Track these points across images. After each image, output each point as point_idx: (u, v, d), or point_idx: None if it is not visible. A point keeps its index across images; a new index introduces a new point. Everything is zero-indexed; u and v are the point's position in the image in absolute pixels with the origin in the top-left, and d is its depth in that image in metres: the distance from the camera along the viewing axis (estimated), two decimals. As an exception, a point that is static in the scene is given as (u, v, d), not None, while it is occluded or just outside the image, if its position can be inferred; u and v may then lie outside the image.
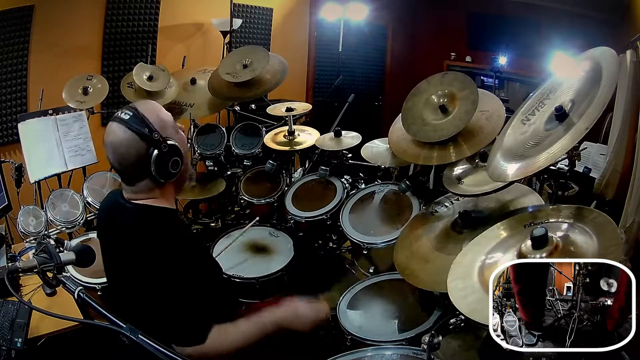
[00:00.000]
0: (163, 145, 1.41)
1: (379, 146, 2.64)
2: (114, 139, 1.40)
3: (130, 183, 1.46)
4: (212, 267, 1.64)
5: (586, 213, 1.33)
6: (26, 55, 3.59)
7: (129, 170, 1.43)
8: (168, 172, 1.44)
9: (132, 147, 1.38)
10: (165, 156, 1.42)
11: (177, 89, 3.28)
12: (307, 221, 2.54)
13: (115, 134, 1.40)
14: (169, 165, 1.43)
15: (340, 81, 4.39)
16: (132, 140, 1.38)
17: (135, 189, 1.46)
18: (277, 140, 2.96)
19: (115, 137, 1.40)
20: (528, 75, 4.96)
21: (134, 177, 1.44)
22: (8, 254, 2.33)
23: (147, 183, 1.44)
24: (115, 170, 1.48)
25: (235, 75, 3.07)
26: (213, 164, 3.14)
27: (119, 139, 1.39)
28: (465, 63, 5.74)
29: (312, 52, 5.76)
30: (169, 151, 1.42)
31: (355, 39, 5.63)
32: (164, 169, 1.43)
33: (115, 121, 1.42)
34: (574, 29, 4.21)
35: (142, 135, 1.39)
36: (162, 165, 1.42)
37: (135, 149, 1.38)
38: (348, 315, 1.91)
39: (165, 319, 1.35)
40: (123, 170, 1.44)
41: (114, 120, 1.43)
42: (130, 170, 1.42)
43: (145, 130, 1.39)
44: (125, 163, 1.40)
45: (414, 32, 6.38)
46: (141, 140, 1.39)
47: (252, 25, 4.99)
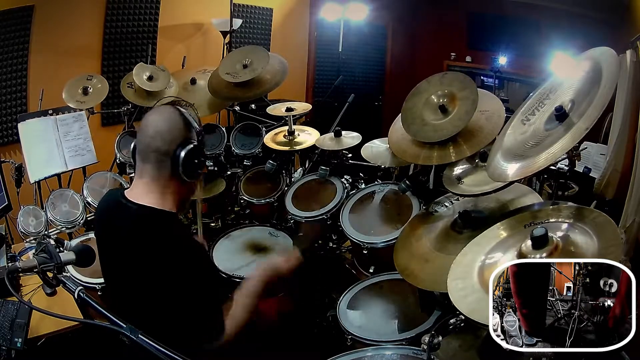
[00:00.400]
0: (202, 143, 1.49)
1: (379, 146, 2.64)
2: (161, 116, 1.46)
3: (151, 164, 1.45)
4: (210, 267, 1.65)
5: (586, 213, 1.33)
6: (26, 55, 3.59)
7: (158, 147, 1.43)
8: (193, 170, 1.47)
9: (178, 128, 1.44)
10: (198, 153, 1.47)
11: (177, 89, 3.28)
12: (307, 221, 2.54)
13: (168, 112, 1.47)
14: (196, 164, 1.47)
15: (340, 81, 4.39)
16: (181, 124, 1.45)
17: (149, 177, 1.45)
18: (277, 140, 2.96)
19: (164, 115, 1.46)
20: (528, 75, 4.96)
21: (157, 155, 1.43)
22: (8, 254, 2.33)
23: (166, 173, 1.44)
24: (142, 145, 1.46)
25: (235, 75, 3.07)
26: (213, 164, 3.14)
27: (167, 118, 1.45)
28: (465, 63, 5.74)
29: (312, 52, 5.77)
30: (201, 151, 1.49)
31: (355, 39, 5.63)
32: (192, 165, 1.45)
33: (170, 106, 1.51)
34: (574, 29, 4.21)
35: (192, 125, 1.47)
36: (192, 160, 1.45)
37: (180, 131, 1.44)
38: (348, 315, 1.91)
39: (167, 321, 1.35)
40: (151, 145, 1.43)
41: (169, 105, 1.52)
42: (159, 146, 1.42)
43: (194, 123, 1.48)
44: (161, 138, 1.42)
45: (414, 32, 6.38)
46: (189, 127, 1.46)
47: (252, 25, 4.99)
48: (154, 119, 1.46)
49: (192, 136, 1.47)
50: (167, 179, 1.45)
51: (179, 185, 1.48)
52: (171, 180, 1.46)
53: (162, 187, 1.46)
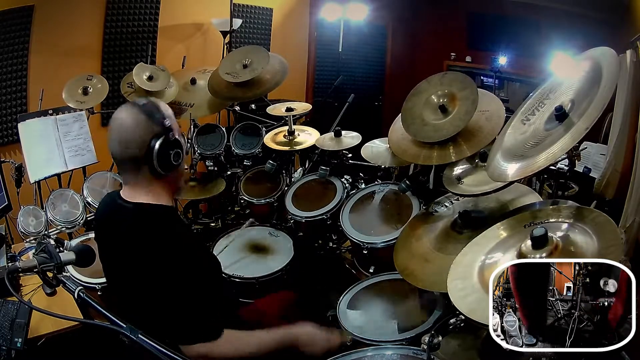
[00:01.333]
0: (170, 134, 1.43)
1: (379, 146, 2.64)
2: (123, 119, 1.41)
3: (128, 171, 1.45)
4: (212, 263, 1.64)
5: (586, 213, 1.32)
6: (26, 55, 3.59)
7: (129, 155, 1.41)
8: (169, 163, 1.44)
9: (141, 129, 1.39)
10: (169, 145, 1.43)
11: (177, 89, 3.28)
12: (307, 221, 2.54)
13: (125, 115, 1.41)
14: (171, 157, 1.44)
15: (340, 81, 4.38)
16: (142, 122, 1.40)
17: (135, 182, 1.45)
18: (277, 140, 2.96)
19: (125, 117, 1.41)
20: (528, 75, 4.96)
21: (132, 163, 1.42)
22: (8, 254, 2.33)
23: (145, 174, 1.43)
24: (114, 155, 1.45)
25: (235, 75, 3.07)
26: (213, 164, 3.14)
27: (129, 119, 1.40)
28: (465, 63, 5.74)
29: (312, 52, 5.76)
30: (173, 142, 1.44)
31: (355, 39, 5.63)
32: (166, 158, 1.43)
33: (128, 104, 1.45)
34: (574, 29, 4.21)
35: (153, 118, 1.41)
36: (165, 154, 1.42)
37: (143, 131, 1.39)
38: (348, 315, 1.91)
39: (171, 318, 1.35)
40: (122, 154, 1.42)
41: (127, 104, 1.45)
42: (130, 154, 1.40)
43: (157, 115, 1.42)
44: (128, 145, 1.39)
45: (414, 32, 6.38)
46: (151, 123, 1.40)
47: (252, 25, 4.99)
48: (117, 126, 1.41)
49: (158, 130, 1.41)
50: (149, 179, 1.45)
51: (165, 179, 1.47)
52: (153, 179, 1.45)
53: (149, 187, 1.46)
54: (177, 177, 1.53)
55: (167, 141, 1.42)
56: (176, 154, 1.45)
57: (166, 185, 1.50)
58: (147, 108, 1.42)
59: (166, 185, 1.50)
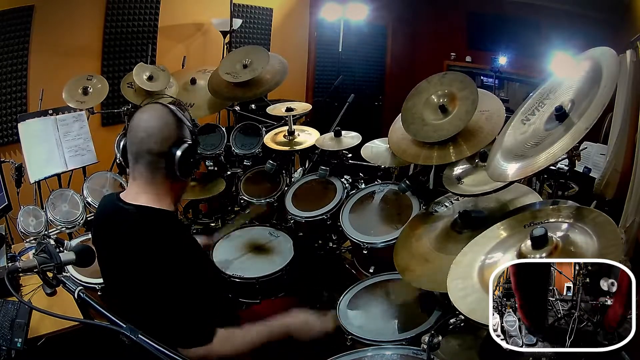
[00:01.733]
0: (196, 141, 1.45)
1: (379, 146, 2.63)
2: (155, 114, 1.41)
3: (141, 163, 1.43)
4: (210, 268, 1.64)
5: (586, 213, 1.32)
6: (26, 55, 3.60)
7: (150, 147, 1.40)
8: (188, 169, 1.45)
9: (170, 127, 1.40)
10: (193, 151, 1.44)
11: (177, 89, 3.28)
12: (307, 221, 2.54)
13: (157, 110, 1.42)
14: (191, 163, 1.45)
15: (340, 81, 4.39)
16: (173, 122, 1.41)
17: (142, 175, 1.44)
18: (277, 140, 2.96)
19: (155, 114, 1.41)
20: (528, 75, 4.97)
21: (150, 156, 1.41)
22: (8, 254, 2.33)
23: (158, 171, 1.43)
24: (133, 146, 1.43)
25: (235, 75, 3.07)
26: (213, 164, 3.14)
27: (158, 117, 1.40)
28: (465, 63, 5.75)
29: (312, 52, 5.77)
30: (196, 150, 1.46)
31: (355, 39, 5.63)
32: (187, 164, 1.44)
33: (158, 104, 1.45)
34: (574, 29, 4.21)
35: (184, 123, 1.43)
36: (186, 159, 1.43)
37: (172, 130, 1.40)
38: (348, 315, 1.91)
39: (168, 321, 1.35)
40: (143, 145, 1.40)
41: (157, 103, 1.46)
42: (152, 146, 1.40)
43: (188, 122, 1.45)
44: (153, 137, 1.39)
45: (414, 32, 6.39)
46: (182, 126, 1.42)
47: (252, 25, 4.99)
48: (144, 118, 1.41)
49: (185, 134, 1.43)
50: (162, 179, 1.44)
51: (174, 184, 1.47)
52: (166, 180, 1.45)
53: (157, 187, 1.45)
54: (184, 184, 1.54)
55: (192, 146, 1.44)
56: (196, 162, 1.48)
57: (173, 190, 1.50)
58: (179, 111, 1.45)
59: (173, 189, 1.50)
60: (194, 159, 1.46)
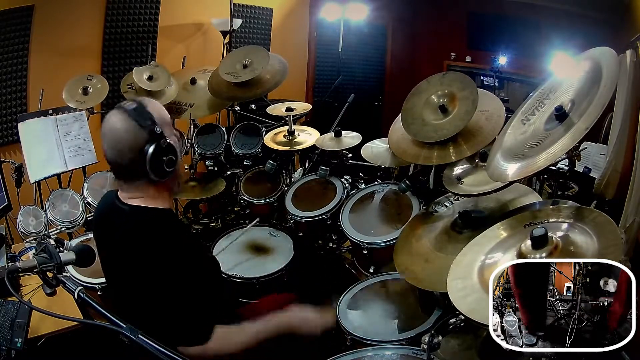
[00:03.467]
0: (162, 141, 1.39)
1: (379, 146, 2.64)
2: (113, 127, 1.37)
3: (123, 178, 1.44)
4: (210, 266, 1.64)
5: (586, 213, 1.33)
6: (26, 55, 3.59)
7: (123, 164, 1.39)
8: (163, 170, 1.41)
9: (131, 136, 1.35)
10: (162, 152, 1.39)
11: (177, 89, 3.28)
12: (307, 221, 2.54)
13: (115, 121, 1.37)
14: (165, 163, 1.41)
15: (340, 81, 4.39)
16: (132, 130, 1.35)
17: (129, 187, 1.44)
18: (277, 140, 2.96)
19: (115, 124, 1.36)
20: (528, 75, 4.96)
21: (127, 171, 1.41)
22: (8, 254, 2.33)
23: (140, 179, 1.41)
24: (109, 160, 1.43)
25: (235, 75, 3.07)
26: (213, 164, 3.14)
27: (118, 127, 1.36)
28: (465, 63, 5.74)
29: (312, 52, 5.76)
30: (166, 148, 1.40)
31: (355, 39, 5.63)
32: (159, 166, 1.40)
33: (117, 109, 1.39)
34: (574, 29, 4.21)
35: (143, 126, 1.36)
36: (158, 161, 1.39)
37: (134, 138, 1.35)
38: (348, 315, 1.91)
39: (166, 320, 1.35)
40: (116, 160, 1.40)
41: (116, 108, 1.40)
42: (123, 160, 1.38)
43: (147, 122, 1.37)
44: (121, 154, 1.37)
45: (414, 32, 6.39)
46: (142, 130, 1.36)
47: (252, 25, 4.99)
48: (108, 132, 1.37)
49: (150, 138, 1.37)
50: (145, 184, 1.43)
51: (159, 184, 1.45)
52: (149, 184, 1.43)
53: (145, 191, 1.44)
54: (172, 180, 1.51)
55: (160, 148, 1.38)
56: (170, 160, 1.42)
57: (162, 189, 1.48)
58: (137, 113, 1.37)
59: (162, 188, 1.48)
60: (166, 157, 1.41)
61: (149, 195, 1.45)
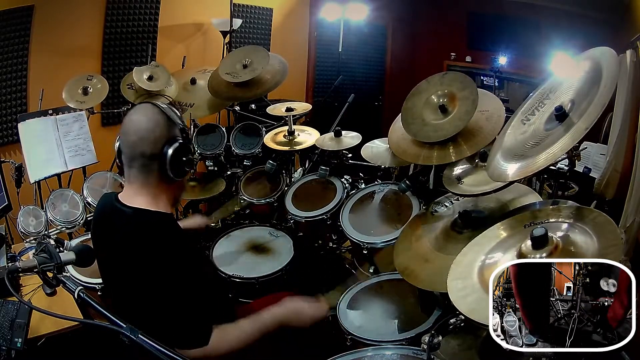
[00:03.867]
0: (187, 139, 1.43)
1: (379, 146, 2.64)
2: (144, 115, 1.40)
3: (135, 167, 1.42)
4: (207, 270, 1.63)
5: (586, 213, 1.32)
6: (26, 55, 3.59)
7: (142, 150, 1.39)
8: (181, 169, 1.44)
9: (160, 127, 1.38)
10: (184, 151, 1.42)
11: (177, 89, 3.28)
12: (307, 221, 2.54)
13: (147, 111, 1.40)
14: (184, 162, 1.44)
15: (340, 81, 4.38)
16: (163, 122, 1.39)
17: (137, 178, 1.43)
18: (277, 140, 2.96)
19: (147, 113, 1.40)
20: (528, 75, 4.97)
21: (143, 159, 1.40)
22: (8, 254, 2.33)
23: (152, 174, 1.42)
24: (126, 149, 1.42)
25: (235, 75, 3.07)
26: (213, 164, 3.14)
27: (150, 116, 1.39)
28: (465, 63, 5.75)
29: (312, 52, 5.76)
30: (189, 148, 1.44)
31: (355, 39, 5.63)
32: (179, 164, 1.42)
33: (148, 104, 1.43)
34: (574, 29, 4.21)
35: (174, 122, 1.41)
36: (178, 159, 1.42)
37: (162, 130, 1.39)
38: (348, 315, 1.91)
39: (165, 322, 1.35)
40: (135, 148, 1.39)
41: (147, 103, 1.44)
42: (144, 149, 1.39)
43: (178, 120, 1.42)
44: (144, 140, 1.38)
45: (414, 32, 6.39)
46: (172, 125, 1.40)
47: (252, 25, 4.99)
48: (135, 120, 1.40)
49: (175, 134, 1.41)
50: (157, 181, 1.44)
51: (169, 184, 1.47)
52: (161, 182, 1.44)
53: (153, 190, 1.44)
54: (181, 184, 1.53)
55: (183, 146, 1.42)
56: (189, 161, 1.45)
57: (169, 192, 1.49)
58: (170, 110, 1.43)
59: (169, 191, 1.49)
60: (186, 157, 1.44)
61: (154, 196, 1.45)
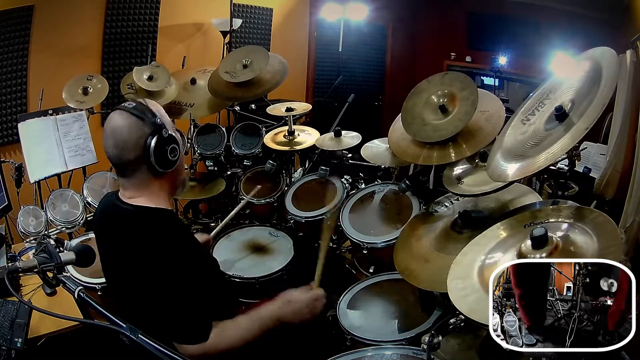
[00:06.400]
0: (164, 131, 1.43)
1: (379, 146, 2.64)
2: (116, 125, 1.41)
3: (127, 174, 1.46)
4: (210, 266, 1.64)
5: (586, 213, 1.32)
6: (26, 55, 3.59)
7: (127, 158, 1.42)
8: (166, 160, 1.45)
9: (133, 131, 1.40)
10: (164, 142, 1.43)
11: (177, 89, 3.28)
12: (307, 221, 2.54)
13: (117, 120, 1.42)
14: (168, 153, 1.45)
15: (340, 81, 4.39)
16: (134, 125, 1.40)
17: (132, 184, 1.46)
18: (277, 140, 2.96)
19: (117, 122, 1.41)
20: (528, 75, 4.97)
21: (131, 165, 1.43)
22: (8, 254, 2.33)
23: (144, 174, 1.44)
24: (113, 160, 1.46)
25: (235, 75, 3.07)
26: (213, 164, 3.14)
27: (121, 124, 1.41)
28: (465, 63, 5.75)
29: (312, 52, 5.76)
30: (168, 138, 1.44)
31: (355, 39, 5.63)
32: (163, 156, 1.43)
33: (117, 110, 1.45)
34: (574, 29, 4.21)
35: (144, 119, 1.42)
36: (161, 151, 1.43)
37: (136, 133, 1.40)
38: (348, 315, 1.91)
39: (166, 319, 1.35)
40: (120, 158, 1.43)
41: (116, 109, 1.45)
42: (128, 156, 1.41)
43: (148, 115, 1.43)
44: (125, 148, 1.40)
45: (414, 32, 6.39)
46: (143, 124, 1.41)
47: (252, 25, 4.99)
48: (109, 133, 1.42)
49: (150, 129, 1.42)
50: (149, 180, 1.46)
51: (162, 179, 1.49)
52: (154, 179, 1.47)
53: (149, 188, 1.47)
54: (175, 175, 1.54)
55: (162, 138, 1.42)
56: (172, 149, 1.46)
57: (165, 185, 1.51)
58: (137, 110, 1.43)
59: (165, 184, 1.51)
60: (169, 147, 1.45)
61: (152, 193, 1.47)
